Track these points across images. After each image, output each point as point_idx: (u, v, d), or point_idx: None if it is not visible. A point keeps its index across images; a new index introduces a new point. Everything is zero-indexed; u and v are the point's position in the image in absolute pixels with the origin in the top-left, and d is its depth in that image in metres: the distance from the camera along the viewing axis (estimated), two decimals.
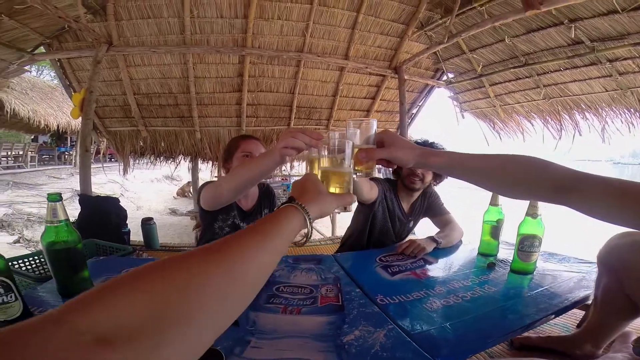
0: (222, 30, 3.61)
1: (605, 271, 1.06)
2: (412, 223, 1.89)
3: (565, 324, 1.36)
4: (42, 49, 3.48)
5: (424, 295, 1.06)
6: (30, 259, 1.77)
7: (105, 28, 3.33)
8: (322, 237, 5.11)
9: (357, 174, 0.77)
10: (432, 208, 1.86)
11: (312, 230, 0.52)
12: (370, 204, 1.69)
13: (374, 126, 0.76)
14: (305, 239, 0.54)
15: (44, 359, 0.24)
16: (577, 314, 1.38)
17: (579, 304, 1.08)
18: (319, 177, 0.67)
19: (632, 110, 3.42)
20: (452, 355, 0.75)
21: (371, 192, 1.59)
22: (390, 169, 0.69)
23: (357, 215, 1.83)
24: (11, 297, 0.76)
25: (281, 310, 0.95)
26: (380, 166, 0.79)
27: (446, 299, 1.04)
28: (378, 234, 1.77)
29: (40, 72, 17.11)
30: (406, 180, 1.73)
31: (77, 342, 0.25)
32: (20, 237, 4.40)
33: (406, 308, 0.98)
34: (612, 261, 1.03)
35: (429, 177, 1.72)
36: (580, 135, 4.05)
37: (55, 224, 0.85)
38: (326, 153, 0.68)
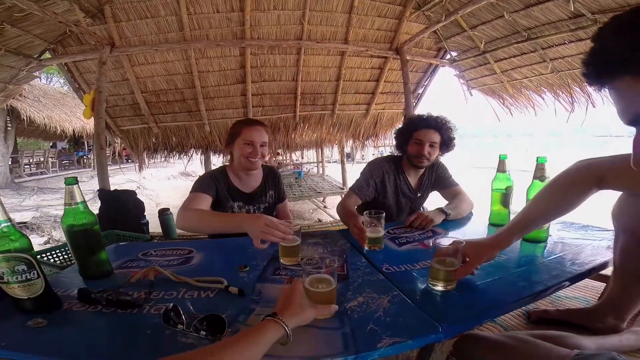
0: (220, 24, 3.66)
1: (620, 230, 0.93)
2: (421, 198, 1.86)
3: (585, 297, 1.23)
4: (47, 55, 3.60)
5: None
6: (58, 251, 1.93)
7: (106, 30, 3.41)
8: (332, 219, 5.20)
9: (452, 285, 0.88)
10: (439, 181, 1.82)
11: (292, 336, 0.63)
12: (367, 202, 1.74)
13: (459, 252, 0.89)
14: (287, 342, 0.64)
15: None
16: (599, 287, 1.27)
17: (596, 271, 1.00)
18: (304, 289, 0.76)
19: None
20: (458, 322, 0.73)
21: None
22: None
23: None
24: (34, 274, 0.77)
25: (286, 280, 0.98)
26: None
27: None
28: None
29: (49, 79, 17.25)
30: (414, 160, 1.71)
31: None
32: (49, 238, 4.65)
33: (412, 276, 0.97)
34: (627, 216, 0.89)
35: (435, 154, 1.70)
36: (594, 107, 3.91)
37: (73, 206, 0.93)
38: (307, 278, 0.78)
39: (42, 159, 10.95)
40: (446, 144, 1.74)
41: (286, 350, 0.63)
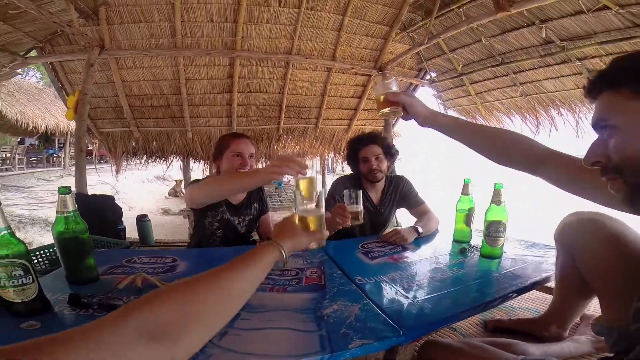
0: (212, 34, 3.71)
1: (560, 250, 1.09)
2: (385, 213, 1.96)
3: (535, 308, 1.41)
4: (34, 53, 3.53)
5: (398, 277, 1.15)
6: (37, 253, 1.87)
7: (98, 32, 3.39)
8: None
9: (385, 111, 0.99)
10: (406, 199, 1.95)
11: (288, 258, 0.69)
12: None
13: (396, 83, 1.00)
14: (284, 264, 0.71)
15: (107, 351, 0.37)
16: (548, 299, 1.40)
17: (539, 284, 1.14)
18: (297, 219, 0.83)
19: None
20: (418, 326, 0.84)
21: None
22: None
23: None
24: (29, 279, 0.81)
25: (268, 289, 1.05)
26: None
27: (419, 280, 1.13)
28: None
29: (25, 74, 16.80)
30: (369, 177, 1.86)
31: (134, 339, 0.40)
32: None
33: (381, 286, 1.08)
34: (565, 239, 1.05)
35: (384, 165, 1.86)
36: (557, 130, 4.21)
37: (65, 214, 0.96)
38: (302, 200, 0.85)
39: (8, 155, 10.38)
40: (389, 153, 1.90)
41: (269, 350, 0.71)
